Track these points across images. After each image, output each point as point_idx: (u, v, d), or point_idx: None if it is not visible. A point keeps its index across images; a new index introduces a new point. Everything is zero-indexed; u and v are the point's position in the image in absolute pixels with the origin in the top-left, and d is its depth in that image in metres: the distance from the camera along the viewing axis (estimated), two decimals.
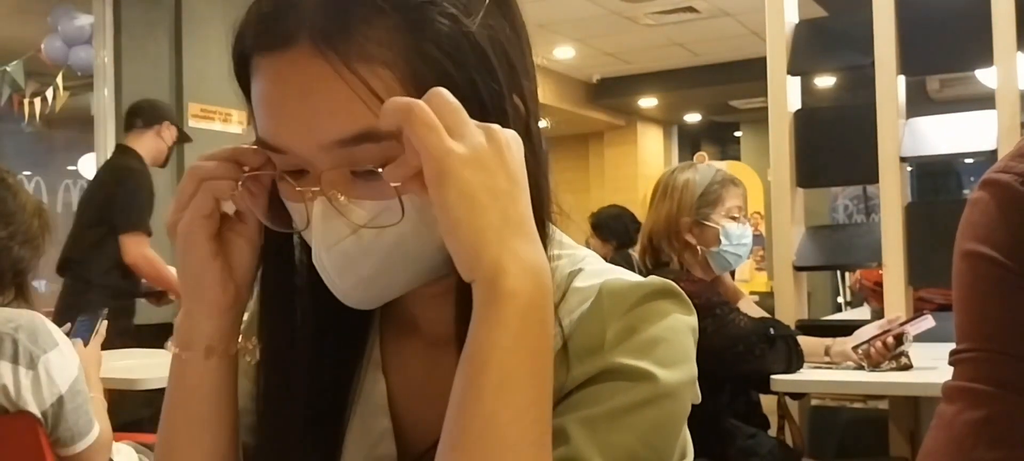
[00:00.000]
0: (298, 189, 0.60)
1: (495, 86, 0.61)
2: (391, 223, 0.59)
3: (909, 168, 3.34)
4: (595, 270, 0.68)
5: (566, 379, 0.62)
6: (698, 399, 0.66)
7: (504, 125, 0.59)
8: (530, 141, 0.63)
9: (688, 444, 0.66)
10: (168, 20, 4.49)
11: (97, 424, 1.72)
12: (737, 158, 9.87)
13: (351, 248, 0.60)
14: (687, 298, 0.68)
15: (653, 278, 0.67)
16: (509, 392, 0.53)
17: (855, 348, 2.35)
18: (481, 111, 0.59)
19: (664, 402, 0.62)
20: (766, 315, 2.61)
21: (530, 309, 0.54)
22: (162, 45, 4.46)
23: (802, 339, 2.46)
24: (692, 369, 0.65)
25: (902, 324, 2.36)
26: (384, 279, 0.62)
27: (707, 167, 2.56)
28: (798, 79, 3.27)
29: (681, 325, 0.65)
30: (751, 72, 3.27)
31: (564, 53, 7.77)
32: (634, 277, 0.67)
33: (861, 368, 2.35)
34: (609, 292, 0.65)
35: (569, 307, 0.65)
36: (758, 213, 7.37)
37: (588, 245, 4.84)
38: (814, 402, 3.32)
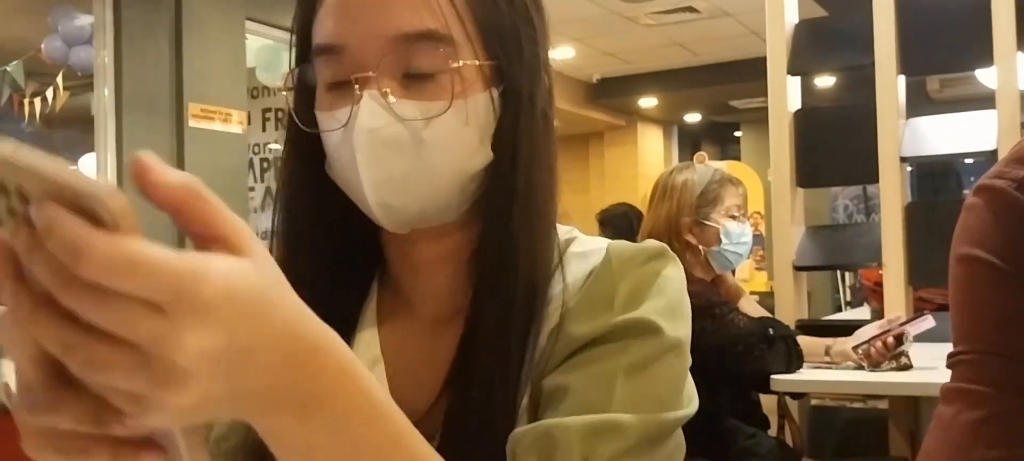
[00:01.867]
0: (354, 78, 0.63)
1: (535, 42, 0.70)
2: (433, 117, 0.63)
3: (909, 168, 3.34)
4: (587, 238, 0.72)
5: (572, 338, 0.64)
6: (690, 360, 0.69)
7: (534, 82, 0.68)
8: (548, 121, 0.70)
9: (693, 393, 0.68)
10: (168, 20, 4.49)
11: None
12: (737, 158, 9.87)
13: (391, 138, 0.63)
14: (676, 257, 0.72)
15: (651, 241, 0.71)
16: None
17: (855, 348, 2.35)
18: (518, 59, 0.68)
19: (671, 354, 0.65)
20: (767, 314, 2.61)
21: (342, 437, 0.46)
22: (162, 45, 4.46)
23: (802, 339, 2.47)
24: (690, 327, 0.69)
25: (902, 324, 2.37)
26: (409, 186, 0.65)
27: (705, 167, 2.57)
28: (798, 79, 3.27)
29: (678, 283, 0.69)
30: (751, 72, 3.28)
31: (564, 53, 7.77)
32: (636, 244, 0.71)
33: (861, 368, 2.35)
34: (617, 254, 0.69)
35: (572, 271, 0.68)
36: (758, 213, 7.37)
37: None
38: (814, 402, 3.33)
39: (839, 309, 7.11)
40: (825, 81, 6.91)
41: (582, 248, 0.70)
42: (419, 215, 0.67)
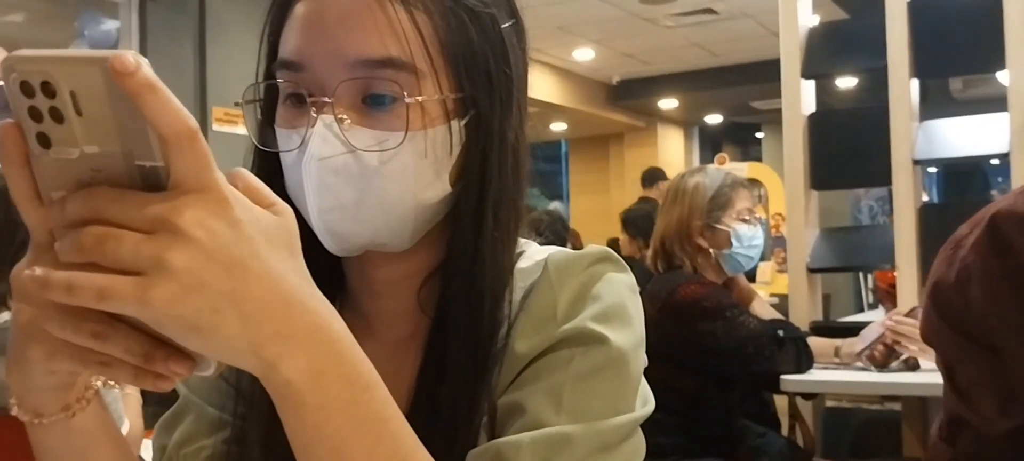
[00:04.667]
0: (310, 100, 0.63)
1: (507, 74, 0.68)
2: (387, 148, 0.63)
3: (934, 169, 3.35)
4: (535, 251, 0.72)
5: (518, 356, 0.65)
6: (646, 361, 0.69)
7: (504, 114, 0.67)
8: (517, 155, 0.69)
9: (648, 395, 0.68)
10: (192, 25, 4.58)
11: (127, 420, 1.77)
12: (758, 159, 9.84)
13: (341, 167, 0.63)
14: (621, 259, 0.71)
15: (592, 247, 0.71)
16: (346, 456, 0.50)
17: (859, 353, 2.38)
18: (487, 90, 0.66)
19: (619, 362, 0.64)
20: (779, 316, 2.64)
21: (319, 379, 0.48)
22: (186, 50, 4.55)
23: (813, 340, 2.50)
24: (639, 329, 0.68)
25: (907, 314, 2.40)
26: (360, 214, 0.64)
27: (717, 170, 2.59)
28: (812, 82, 3.29)
29: (622, 286, 0.68)
30: (771, 73, 3.28)
31: (584, 55, 7.79)
32: (574, 251, 0.70)
33: (869, 369, 2.38)
34: (555, 265, 0.68)
35: (517, 288, 0.68)
36: (779, 214, 7.35)
37: (618, 242, 4.80)
38: (829, 403, 3.34)
39: (862, 310, 7.08)
40: (847, 82, 6.89)
41: (526, 263, 0.70)
42: (370, 243, 0.66)
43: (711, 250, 2.43)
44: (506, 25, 0.68)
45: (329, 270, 0.71)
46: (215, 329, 0.44)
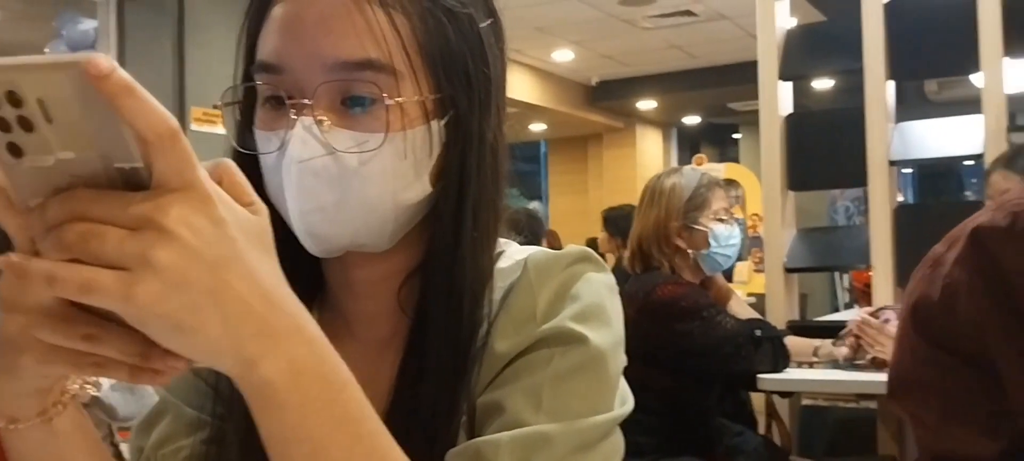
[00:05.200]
0: (289, 102, 0.63)
1: (486, 74, 0.68)
2: (367, 149, 0.62)
3: (909, 170, 3.40)
4: (515, 251, 0.72)
5: (497, 355, 0.65)
6: (625, 361, 0.69)
7: (483, 114, 0.67)
8: (496, 154, 0.70)
9: (627, 394, 0.68)
10: (171, 25, 4.55)
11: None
12: (736, 160, 9.90)
13: (321, 169, 0.63)
14: (600, 259, 0.71)
15: (572, 247, 0.71)
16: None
17: (836, 341, 2.43)
18: (466, 91, 0.66)
19: (598, 362, 0.65)
20: (756, 315, 2.66)
21: (299, 378, 0.48)
22: (165, 49, 4.52)
23: (792, 340, 2.52)
24: (618, 328, 0.69)
25: (873, 313, 2.45)
26: (340, 215, 0.64)
27: (693, 171, 2.61)
28: (789, 84, 3.32)
29: (601, 286, 0.69)
30: (749, 75, 3.31)
31: (563, 56, 7.82)
32: (553, 251, 0.71)
33: (848, 366, 2.43)
34: (535, 265, 0.69)
35: (497, 288, 0.68)
36: (756, 215, 7.40)
37: (597, 240, 4.82)
38: (806, 402, 3.37)
39: (837, 309, 7.15)
40: (823, 84, 6.96)
41: (505, 263, 0.70)
42: (350, 244, 0.66)
43: (689, 251, 2.45)
44: (484, 25, 0.68)
45: (308, 271, 0.71)
46: (197, 328, 0.43)
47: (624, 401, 0.67)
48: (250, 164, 0.66)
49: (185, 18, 4.55)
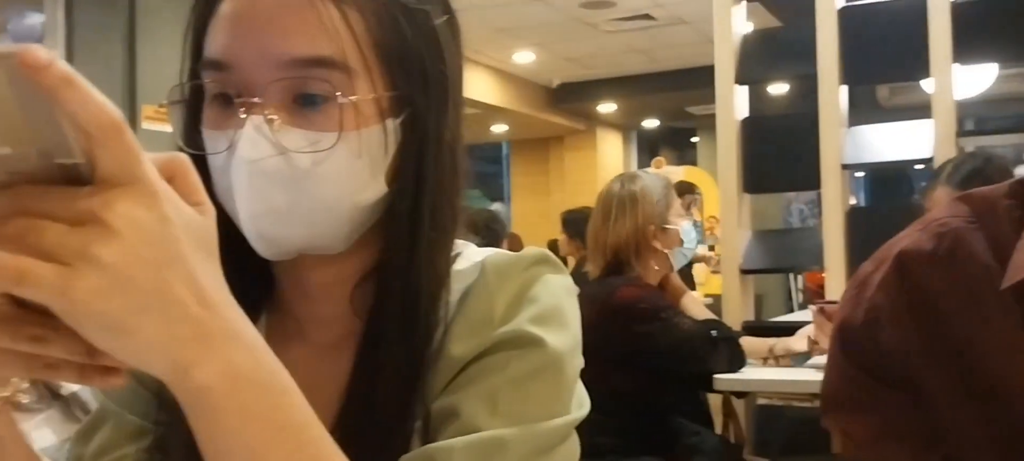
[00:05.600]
0: (238, 101, 0.61)
1: (443, 72, 0.66)
2: (320, 149, 0.61)
3: (861, 173, 3.47)
4: (472, 252, 0.71)
5: (453, 359, 0.64)
6: (583, 363, 0.68)
7: (441, 113, 0.65)
8: (454, 154, 0.69)
9: (584, 397, 0.67)
10: (122, 21, 4.46)
11: None
12: (694, 163, 10.00)
13: (272, 170, 0.61)
14: (559, 261, 0.70)
15: (530, 249, 0.70)
16: None
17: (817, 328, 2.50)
18: (422, 89, 0.65)
19: (556, 365, 0.64)
20: (712, 315, 2.69)
21: (236, 384, 0.46)
22: (116, 46, 4.43)
23: (748, 340, 2.56)
24: (576, 331, 0.68)
25: (818, 310, 2.51)
26: (292, 217, 0.62)
27: (651, 174, 2.66)
28: (746, 88, 3.36)
29: (559, 288, 0.68)
30: (707, 79, 3.35)
31: (524, 58, 7.83)
32: (512, 253, 0.70)
33: (803, 362, 2.48)
34: (493, 267, 0.67)
35: (454, 290, 0.67)
36: (714, 217, 7.49)
37: (557, 242, 4.83)
38: (761, 401, 3.41)
39: (792, 310, 7.26)
40: (779, 89, 7.06)
41: (463, 265, 0.69)
42: (303, 246, 0.65)
43: (664, 250, 2.47)
44: (440, 21, 0.67)
45: (258, 272, 0.69)
46: (134, 330, 0.42)
47: (581, 404, 0.66)
48: (198, 165, 0.63)
49: (136, 13, 4.47)
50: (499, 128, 9.75)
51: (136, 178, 0.42)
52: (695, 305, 2.66)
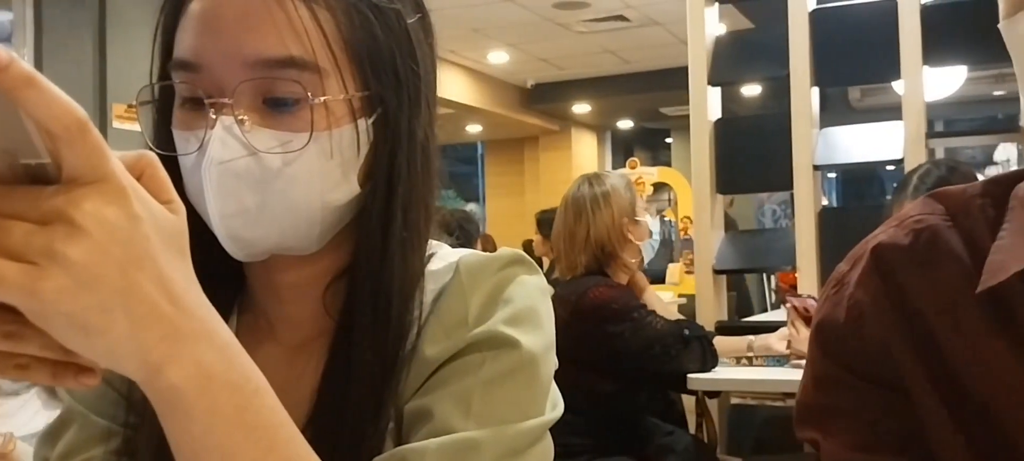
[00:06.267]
0: (208, 101, 0.60)
1: (415, 71, 0.66)
2: (291, 150, 0.60)
3: (833, 174, 3.50)
4: (446, 253, 0.71)
5: (427, 360, 0.63)
6: (556, 364, 0.68)
7: (413, 113, 0.65)
8: (427, 153, 0.68)
9: (558, 398, 0.67)
10: (92, 18, 4.41)
11: None
12: (668, 164, 10.05)
13: (243, 170, 0.60)
14: (533, 262, 0.70)
15: (504, 249, 0.70)
16: None
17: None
18: (395, 88, 0.65)
19: (530, 366, 0.64)
20: (662, 302, 2.75)
21: (207, 384, 0.46)
22: (86, 44, 4.38)
23: (724, 338, 2.58)
24: (550, 332, 0.68)
25: (805, 298, 2.54)
26: (263, 218, 0.62)
27: (615, 173, 2.71)
28: (718, 89, 3.38)
29: (534, 289, 0.68)
30: (681, 80, 3.36)
31: (498, 58, 7.83)
32: (486, 254, 0.69)
33: (777, 362, 2.50)
34: (466, 267, 0.67)
35: (428, 291, 0.67)
36: (687, 217, 7.52)
37: (531, 243, 4.84)
38: (735, 401, 3.44)
39: (765, 310, 7.31)
40: (751, 90, 7.11)
41: (437, 265, 0.68)
42: (275, 247, 0.64)
43: (637, 243, 2.51)
44: (412, 20, 0.67)
45: (228, 271, 0.69)
46: (104, 330, 0.41)
47: (555, 405, 0.66)
48: (169, 166, 0.63)
49: (106, 11, 4.41)
50: (473, 128, 9.74)
51: (104, 176, 0.41)
52: (658, 302, 2.69)
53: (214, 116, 0.60)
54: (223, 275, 0.67)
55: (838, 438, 0.71)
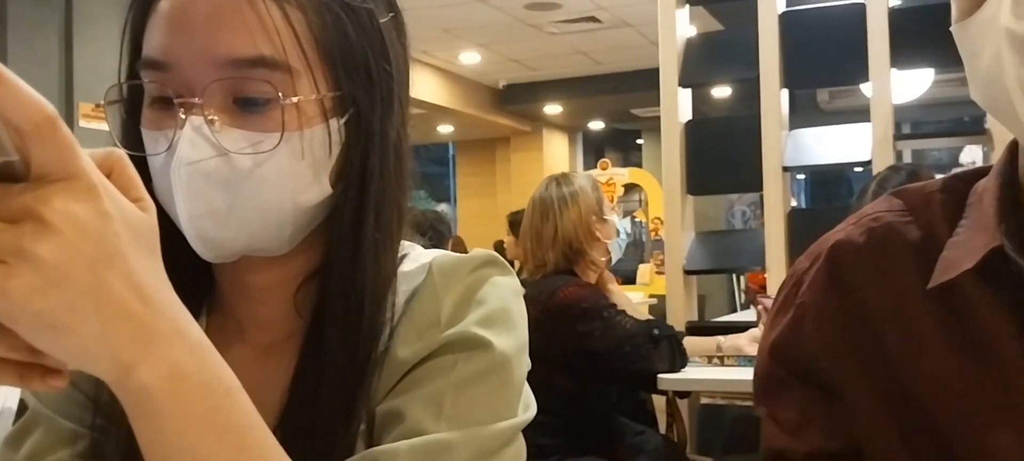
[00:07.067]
0: (178, 101, 0.59)
1: (388, 71, 0.66)
2: (262, 151, 0.60)
3: (802, 176, 3.53)
4: (419, 254, 0.70)
5: (399, 361, 0.63)
6: (529, 365, 0.68)
7: (386, 113, 0.64)
8: (400, 154, 0.68)
9: (530, 399, 0.67)
10: (58, 16, 4.34)
11: None
12: (639, 165, 10.10)
13: (212, 171, 0.60)
14: (506, 263, 0.70)
15: (478, 250, 0.70)
16: None
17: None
18: (367, 89, 0.64)
19: (503, 368, 0.63)
20: (627, 298, 2.77)
21: (179, 385, 0.45)
22: (52, 42, 4.31)
23: (694, 339, 2.59)
24: (523, 333, 0.68)
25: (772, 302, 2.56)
26: (233, 219, 0.61)
27: (580, 174, 2.72)
28: (689, 91, 3.40)
29: (507, 290, 0.68)
30: (651, 81, 3.38)
31: (470, 58, 7.82)
32: (459, 255, 0.69)
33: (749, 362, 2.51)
34: (439, 268, 0.67)
35: (400, 292, 0.66)
36: (658, 218, 7.57)
37: (503, 243, 4.84)
38: (704, 401, 3.46)
39: (735, 310, 7.38)
40: (722, 92, 7.17)
41: (409, 266, 0.68)
42: (245, 248, 0.63)
43: (606, 241, 2.52)
44: (384, 20, 0.66)
45: (197, 271, 0.68)
46: (73, 329, 0.41)
47: (528, 407, 0.66)
48: (138, 166, 0.62)
49: (73, 8, 4.35)
50: (445, 128, 9.72)
51: (73, 173, 0.40)
52: (627, 302, 2.71)
53: (183, 116, 0.60)
54: (192, 275, 0.67)
55: (789, 417, 0.71)
